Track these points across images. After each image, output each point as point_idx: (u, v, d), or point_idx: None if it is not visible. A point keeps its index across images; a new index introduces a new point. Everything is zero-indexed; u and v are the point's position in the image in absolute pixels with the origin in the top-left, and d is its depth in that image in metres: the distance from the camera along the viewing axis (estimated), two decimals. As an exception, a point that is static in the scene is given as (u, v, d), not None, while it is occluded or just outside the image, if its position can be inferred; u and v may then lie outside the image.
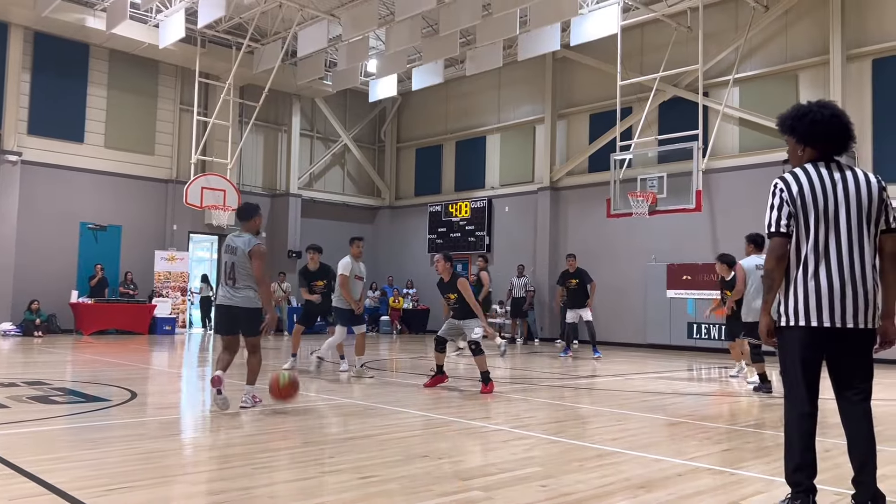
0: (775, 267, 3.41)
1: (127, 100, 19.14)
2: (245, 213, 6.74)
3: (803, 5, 15.30)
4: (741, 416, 7.06)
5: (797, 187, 3.41)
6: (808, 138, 3.51)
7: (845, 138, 3.47)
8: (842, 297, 3.31)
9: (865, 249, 3.36)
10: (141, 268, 18.66)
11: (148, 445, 4.96)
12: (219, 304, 6.65)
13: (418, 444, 5.24)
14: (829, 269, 3.33)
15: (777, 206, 3.44)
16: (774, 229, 3.43)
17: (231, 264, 6.51)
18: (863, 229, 3.36)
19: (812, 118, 3.48)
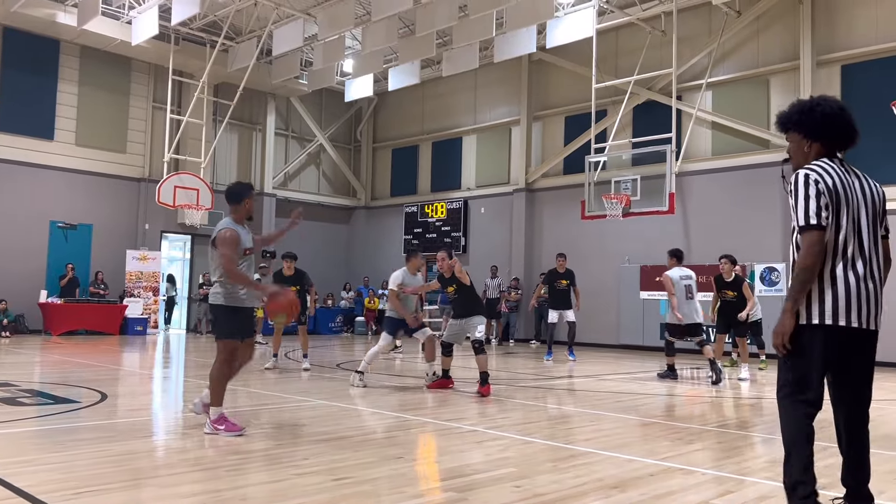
0: (815, 263, 3.15)
1: (98, 97, 18.86)
2: (231, 196, 5.78)
3: (775, 11, 15.54)
4: (712, 417, 7.15)
5: (831, 180, 3.20)
6: (818, 133, 3.34)
7: (854, 132, 3.36)
8: (867, 297, 3.19)
9: (879, 252, 3.31)
10: (112, 267, 18.40)
11: (118, 448, 4.89)
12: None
13: (393, 446, 5.24)
14: (856, 267, 3.19)
15: (815, 196, 3.16)
16: (815, 221, 3.14)
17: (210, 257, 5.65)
18: (875, 230, 3.31)
19: (822, 111, 3.32)
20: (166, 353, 13.85)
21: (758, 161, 15.44)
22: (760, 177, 15.21)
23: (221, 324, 5.53)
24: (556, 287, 13.27)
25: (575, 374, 10.90)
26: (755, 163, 15.48)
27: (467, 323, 8.40)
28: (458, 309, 8.48)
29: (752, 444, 5.69)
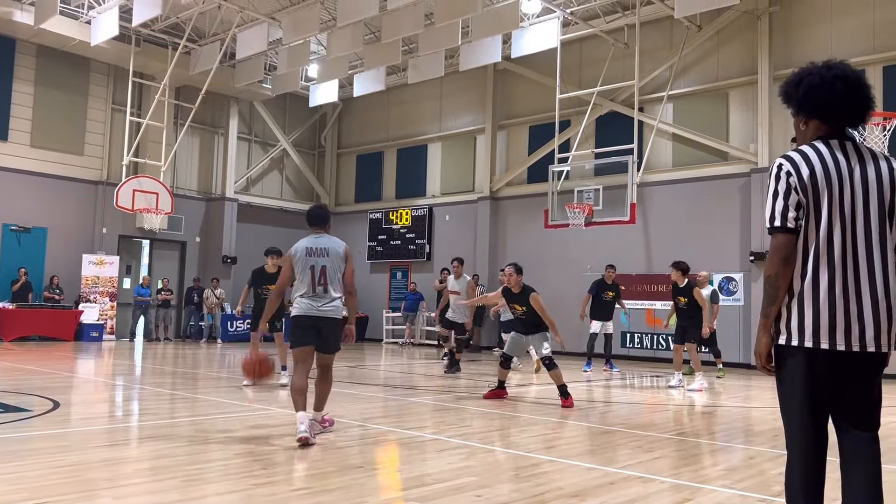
0: (781, 271, 2.64)
1: (55, 97, 18.44)
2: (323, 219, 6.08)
3: (734, 27, 15.90)
4: (671, 425, 7.25)
5: (808, 170, 2.64)
6: (807, 109, 2.79)
7: (857, 107, 2.74)
8: (860, 314, 2.58)
9: (888, 253, 2.65)
10: (67, 272, 17.97)
11: (71, 458, 4.77)
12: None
13: (353, 455, 5.20)
14: (846, 278, 2.60)
15: (783, 194, 2.66)
16: (780, 223, 2.65)
17: (322, 268, 5.79)
18: (884, 228, 2.65)
19: (809, 83, 2.78)
20: (123, 360, 13.55)
21: (717, 173, 15.74)
22: (719, 188, 15.52)
23: (340, 336, 5.88)
24: (602, 298, 13.11)
25: (536, 382, 10.96)
26: (714, 174, 15.78)
27: (531, 339, 8.43)
28: (523, 326, 8.47)
29: (711, 452, 5.78)
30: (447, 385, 10.28)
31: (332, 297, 5.79)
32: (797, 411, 2.67)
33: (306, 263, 5.81)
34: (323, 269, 5.79)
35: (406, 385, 10.17)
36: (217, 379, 9.81)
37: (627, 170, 15.17)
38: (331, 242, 5.92)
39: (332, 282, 5.80)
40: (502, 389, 8.65)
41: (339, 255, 5.88)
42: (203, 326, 19.44)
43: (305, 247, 5.87)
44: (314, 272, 5.79)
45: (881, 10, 13.97)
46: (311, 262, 5.82)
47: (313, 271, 5.79)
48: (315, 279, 5.77)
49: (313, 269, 5.79)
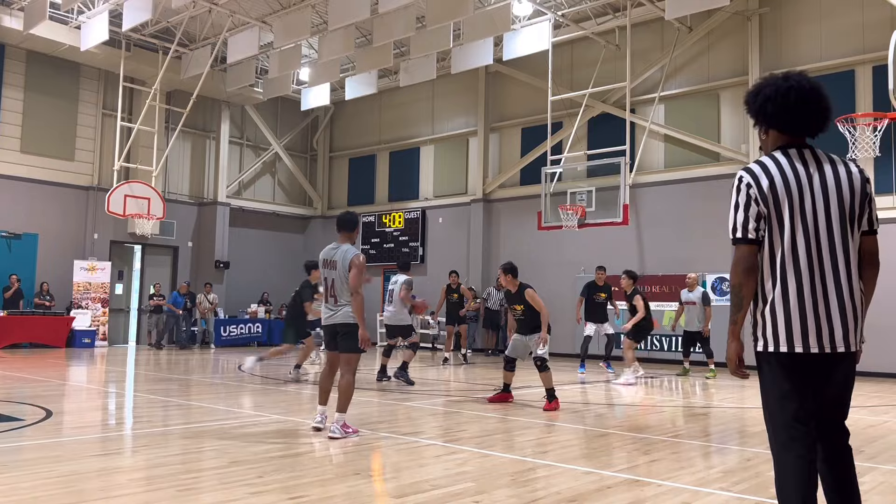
0: (745, 280, 2.74)
1: (46, 103, 18.34)
2: (351, 224, 6.40)
3: (724, 28, 15.96)
4: (668, 427, 7.24)
5: (768, 181, 2.73)
6: (763, 119, 2.87)
7: (810, 116, 2.82)
8: (828, 316, 2.68)
9: (850, 256, 2.73)
10: (58, 278, 17.86)
11: (64, 468, 4.73)
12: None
13: (350, 462, 5.17)
14: (813, 282, 2.68)
15: (744, 206, 2.75)
16: (741, 234, 2.75)
17: (331, 281, 6.20)
18: (846, 231, 2.73)
19: (765, 94, 2.83)
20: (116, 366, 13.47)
21: (709, 173, 15.79)
22: (711, 189, 15.56)
23: (354, 339, 6.18)
24: (594, 300, 13.15)
25: (531, 385, 10.95)
26: (706, 175, 15.83)
27: (530, 339, 8.42)
28: (522, 326, 8.46)
29: (707, 455, 5.78)
30: (442, 389, 10.26)
31: (342, 306, 6.18)
32: (782, 415, 2.72)
33: (322, 274, 6.31)
34: (332, 282, 6.21)
35: (401, 389, 10.15)
36: (211, 385, 9.76)
37: (620, 171, 15.20)
38: (341, 254, 6.23)
39: (340, 293, 6.17)
40: (507, 393, 8.63)
41: (345, 266, 6.16)
42: (196, 332, 19.36)
43: (322, 258, 6.34)
44: (327, 283, 6.25)
45: (870, 11, 14.04)
46: (324, 273, 6.28)
47: (326, 283, 6.26)
48: (327, 290, 6.26)
49: (326, 281, 6.26)
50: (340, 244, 6.31)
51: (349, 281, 6.11)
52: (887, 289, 13.55)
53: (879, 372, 13.22)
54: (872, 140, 10.50)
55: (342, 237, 6.37)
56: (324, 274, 6.27)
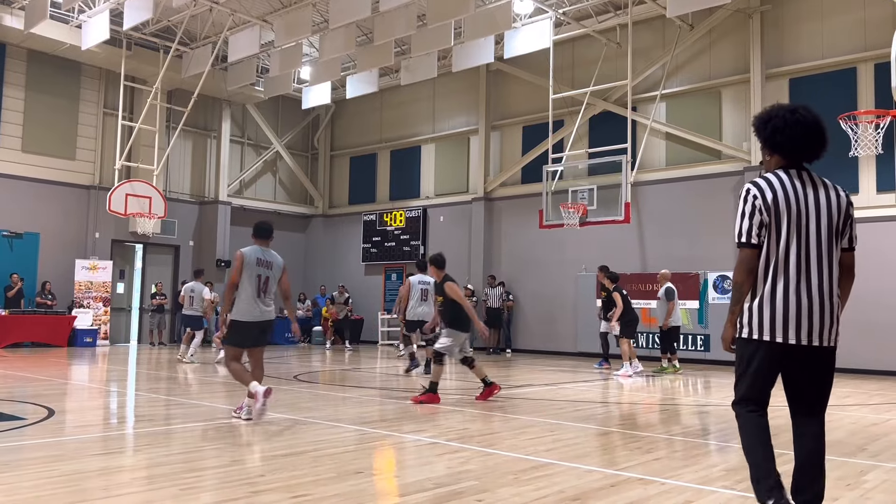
0: (745, 280, 3.24)
1: (47, 102, 18.35)
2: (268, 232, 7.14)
3: (726, 26, 15.93)
4: (670, 425, 7.23)
5: (772, 195, 3.21)
6: (771, 146, 3.36)
7: (811, 146, 3.29)
8: (809, 314, 3.17)
9: (833, 266, 3.22)
10: (60, 277, 17.87)
11: (66, 467, 4.72)
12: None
13: (352, 460, 5.16)
14: (799, 284, 3.16)
15: (749, 215, 3.23)
16: (745, 239, 3.24)
17: (266, 279, 6.85)
18: (832, 244, 3.22)
19: (774, 125, 3.30)
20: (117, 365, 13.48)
21: (710, 171, 15.77)
22: (713, 186, 15.54)
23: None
24: (602, 298, 13.71)
25: (533, 383, 10.95)
26: (708, 173, 15.81)
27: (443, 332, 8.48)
28: (442, 318, 8.58)
29: (709, 453, 5.77)
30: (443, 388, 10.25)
31: (272, 304, 6.92)
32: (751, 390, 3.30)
33: (254, 271, 6.78)
34: (267, 280, 6.84)
35: (403, 388, 10.14)
36: (212, 384, 9.76)
37: (621, 169, 15.18)
38: (273, 256, 7.01)
39: (271, 290, 6.88)
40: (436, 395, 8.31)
41: (279, 269, 6.97)
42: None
43: (256, 257, 6.85)
44: (260, 280, 6.79)
45: (872, 8, 14.01)
46: (258, 271, 6.80)
47: (260, 280, 6.79)
48: (260, 287, 6.79)
49: (260, 279, 6.79)
50: (269, 249, 7.04)
51: (282, 284, 6.94)
52: (888, 287, 13.59)
53: (882, 370, 13.20)
54: (874, 137, 10.48)
55: (261, 242, 7.02)
56: (258, 271, 6.77)
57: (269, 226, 7.23)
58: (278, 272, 6.96)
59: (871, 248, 13.69)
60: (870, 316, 13.45)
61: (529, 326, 18.27)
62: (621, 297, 12.68)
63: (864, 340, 13.46)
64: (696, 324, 15.38)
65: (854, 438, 6.38)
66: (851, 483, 4.62)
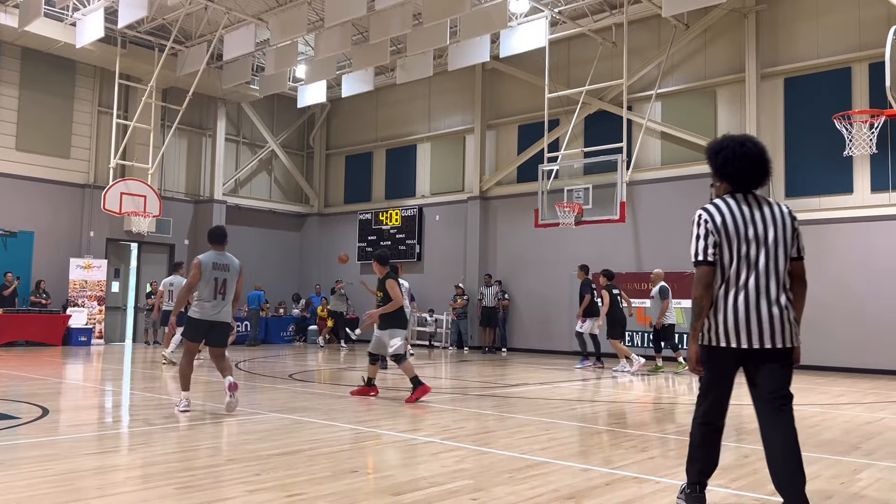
0: (704, 294, 3.57)
1: (41, 100, 18.29)
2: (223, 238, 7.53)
3: (721, 25, 15.95)
4: (665, 424, 7.25)
5: (720, 217, 3.58)
6: (721, 174, 3.72)
7: (756, 176, 3.64)
8: (758, 321, 3.49)
9: (781, 276, 3.55)
10: (54, 276, 17.82)
11: (60, 466, 4.71)
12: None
13: (347, 459, 5.16)
14: (748, 295, 3.51)
15: (703, 236, 3.59)
16: (702, 258, 3.58)
17: (223, 281, 7.24)
18: (778, 257, 3.55)
19: (724, 156, 3.67)
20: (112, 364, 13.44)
21: (706, 171, 15.61)
22: (708, 186, 15.54)
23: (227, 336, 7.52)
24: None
25: (529, 382, 10.96)
26: (703, 172, 15.70)
27: (382, 334, 8.47)
28: (381, 319, 8.54)
29: (704, 451, 5.77)
30: (438, 387, 10.26)
31: (226, 305, 7.23)
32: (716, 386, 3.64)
33: (211, 275, 7.16)
34: (224, 282, 7.22)
35: (399, 387, 10.14)
36: (207, 383, 9.74)
37: (617, 168, 15.20)
38: (230, 260, 7.40)
39: (228, 292, 7.27)
40: (371, 387, 8.57)
41: (236, 272, 7.36)
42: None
43: (213, 262, 7.24)
44: (217, 283, 7.17)
45: (867, 8, 14.05)
46: (215, 274, 7.19)
47: (217, 283, 7.16)
48: (216, 289, 7.16)
49: (216, 281, 7.17)
50: (226, 253, 7.41)
51: (237, 285, 7.33)
52: (882, 286, 13.63)
53: (876, 369, 13.25)
54: (869, 137, 10.52)
55: (217, 247, 7.41)
56: (214, 275, 7.18)
57: (222, 230, 7.60)
58: (235, 275, 7.35)
59: (865, 248, 13.76)
60: (864, 315, 13.51)
61: (525, 325, 18.28)
62: (610, 296, 12.94)
63: (859, 339, 13.52)
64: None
65: (848, 437, 6.40)
66: (846, 481, 4.64)
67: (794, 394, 3.64)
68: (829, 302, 13.69)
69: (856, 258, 13.79)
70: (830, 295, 13.66)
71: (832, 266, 13.84)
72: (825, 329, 13.68)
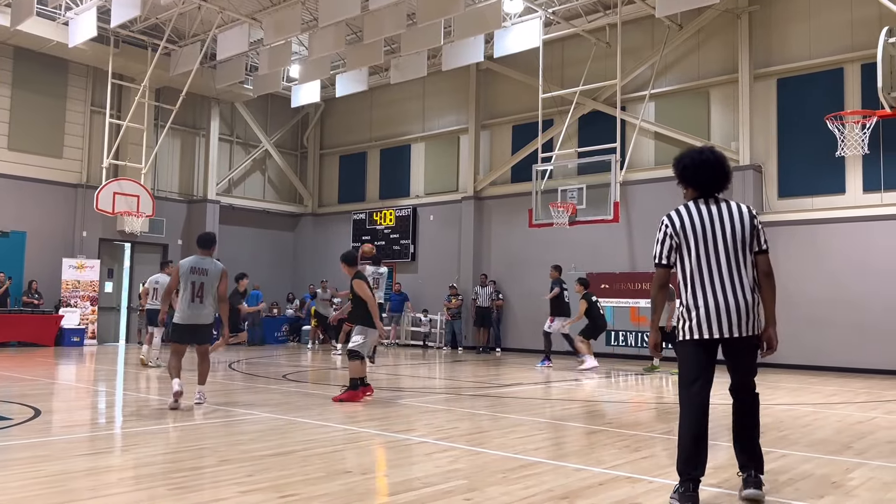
0: (658, 293, 4.11)
1: (33, 100, 18.21)
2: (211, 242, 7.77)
3: (714, 25, 16.00)
4: (657, 423, 7.27)
5: (679, 222, 4.00)
6: (684, 181, 4.13)
7: (716, 181, 4.04)
8: (719, 313, 3.88)
9: (742, 270, 3.91)
10: (47, 276, 17.75)
11: (53, 467, 4.69)
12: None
13: (341, 460, 5.16)
14: (713, 289, 3.89)
15: (661, 241, 4.06)
16: (658, 260, 4.07)
17: (200, 284, 7.47)
18: (738, 253, 3.91)
19: (684, 164, 4.10)
20: (105, 365, 13.40)
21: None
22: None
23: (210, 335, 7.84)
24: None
25: (523, 382, 10.97)
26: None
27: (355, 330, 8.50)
28: (353, 316, 8.58)
29: (697, 451, 5.78)
30: (433, 387, 10.27)
31: (206, 307, 7.46)
32: (695, 379, 3.94)
33: (188, 279, 7.43)
34: (202, 286, 7.45)
35: (392, 387, 10.14)
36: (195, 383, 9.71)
37: (610, 168, 15.22)
38: (210, 264, 7.58)
39: (206, 296, 7.46)
40: (366, 386, 8.40)
41: (216, 276, 7.53)
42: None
43: (191, 266, 7.51)
44: (195, 287, 7.42)
45: (858, 9, 14.11)
46: (192, 278, 7.43)
47: (194, 286, 7.42)
48: (194, 292, 7.41)
49: (194, 285, 7.42)
50: (205, 257, 7.61)
51: (218, 289, 7.51)
52: (874, 286, 13.69)
53: (868, 368, 13.31)
54: (861, 138, 10.56)
55: (203, 252, 7.64)
56: (192, 279, 7.44)
57: (208, 236, 7.83)
58: (214, 278, 7.53)
59: (857, 248, 13.82)
60: (856, 314, 13.57)
61: (518, 325, 18.29)
62: (589, 303, 13.20)
63: (851, 339, 13.58)
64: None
65: (840, 437, 6.43)
66: (837, 481, 4.66)
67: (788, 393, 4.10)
68: (821, 301, 13.75)
69: (848, 258, 13.85)
70: (823, 294, 13.72)
71: (825, 266, 13.90)
72: (818, 328, 13.75)
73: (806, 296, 13.85)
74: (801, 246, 14.22)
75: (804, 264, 14.12)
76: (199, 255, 7.64)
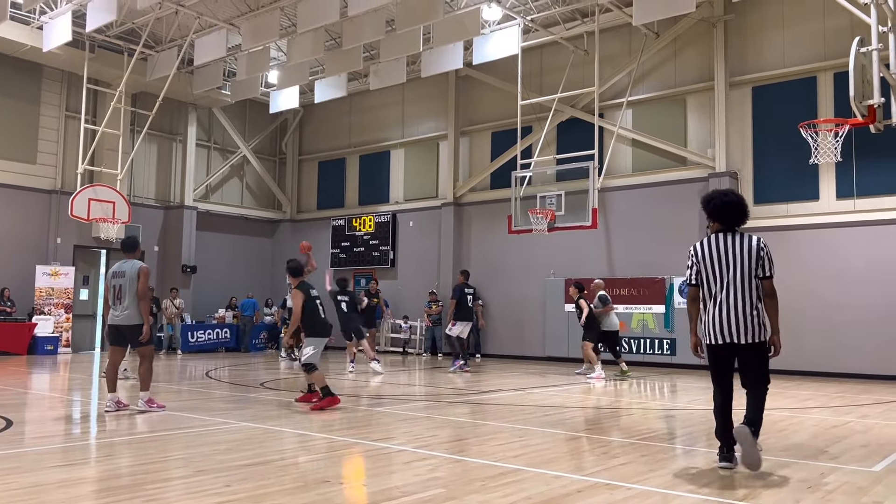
0: (691, 306, 5.32)
1: (6, 105, 17.94)
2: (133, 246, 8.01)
3: (690, 34, 16.18)
4: (635, 429, 7.30)
5: (701, 252, 5.20)
6: (712, 217, 5.26)
7: (736, 218, 5.19)
8: (729, 323, 5.04)
9: (747, 291, 5.04)
10: (20, 284, 17.46)
11: (25, 479, 4.61)
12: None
13: (319, 469, 5.12)
14: (727, 305, 5.04)
15: (690, 266, 5.27)
16: (688, 281, 5.29)
17: (118, 287, 7.63)
18: (745, 277, 5.05)
19: (714, 204, 5.21)
20: (79, 374, 13.20)
21: (676, 178, 15.98)
22: (678, 193, 15.75)
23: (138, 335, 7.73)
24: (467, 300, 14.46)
25: (502, 388, 10.97)
26: (673, 179, 16.02)
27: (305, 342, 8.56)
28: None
29: (675, 457, 5.83)
30: (412, 394, 10.23)
31: (127, 309, 7.56)
32: (715, 374, 5.21)
33: (109, 283, 7.70)
34: (120, 288, 7.60)
35: (371, 394, 10.09)
36: (178, 392, 9.61)
37: (589, 175, 15.31)
38: (129, 266, 7.71)
39: (125, 298, 7.56)
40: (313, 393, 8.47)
41: (134, 276, 7.61)
42: (162, 337, 19.05)
43: (113, 271, 7.78)
44: (115, 290, 7.63)
45: (831, 19, 14.34)
46: (113, 282, 7.68)
47: (114, 290, 7.63)
48: (114, 295, 7.63)
49: (114, 289, 7.63)
50: (128, 260, 7.77)
51: (138, 288, 7.57)
52: (847, 291, 13.88)
53: (842, 372, 13.49)
54: (834, 145, 10.71)
55: (129, 256, 7.85)
56: (112, 282, 7.65)
57: (129, 240, 8.09)
58: (131, 280, 7.61)
59: (831, 254, 14.02)
60: (830, 319, 13.76)
61: (498, 331, 18.31)
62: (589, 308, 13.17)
63: (825, 343, 13.75)
64: (663, 328, 15.56)
65: (815, 441, 6.50)
66: (813, 485, 4.70)
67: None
68: (796, 306, 13.90)
69: (822, 263, 14.04)
70: (797, 299, 13.88)
71: (799, 271, 14.07)
72: (792, 333, 13.89)
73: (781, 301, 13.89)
74: (777, 252, 14.19)
75: (779, 270, 14.08)
76: (123, 259, 7.83)
